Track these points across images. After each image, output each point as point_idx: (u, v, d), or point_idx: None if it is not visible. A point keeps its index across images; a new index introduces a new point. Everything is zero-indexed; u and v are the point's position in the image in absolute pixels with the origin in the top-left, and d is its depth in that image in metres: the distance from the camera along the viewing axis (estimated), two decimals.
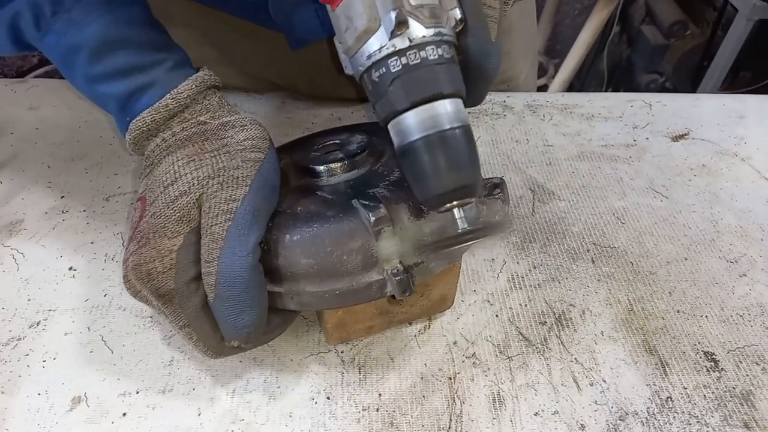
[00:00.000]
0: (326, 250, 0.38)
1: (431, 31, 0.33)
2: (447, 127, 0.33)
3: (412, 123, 0.34)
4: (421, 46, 0.33)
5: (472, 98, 0.39)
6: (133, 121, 0.40)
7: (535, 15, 0.87)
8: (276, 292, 0.40)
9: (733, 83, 1.79)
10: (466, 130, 0.34)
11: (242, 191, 0.38)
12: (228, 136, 0.40)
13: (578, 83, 2.17)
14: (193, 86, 0.41)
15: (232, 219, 0.37)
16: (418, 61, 0.33)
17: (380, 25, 0.33)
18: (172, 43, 0.43)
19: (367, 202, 0.38)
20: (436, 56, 0.33)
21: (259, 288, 0.38)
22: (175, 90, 0.40)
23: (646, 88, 2.00)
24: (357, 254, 0.38)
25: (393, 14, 0.32)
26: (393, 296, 0.39)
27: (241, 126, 0.41)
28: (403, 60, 0.33)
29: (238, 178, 0.38)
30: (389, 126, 0.35)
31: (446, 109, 0.33)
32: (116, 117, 0.42)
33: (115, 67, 0.39)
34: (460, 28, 0.36)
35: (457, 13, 0.35)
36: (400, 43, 0.33)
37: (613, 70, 2.18)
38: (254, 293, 0.38)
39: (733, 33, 1.59)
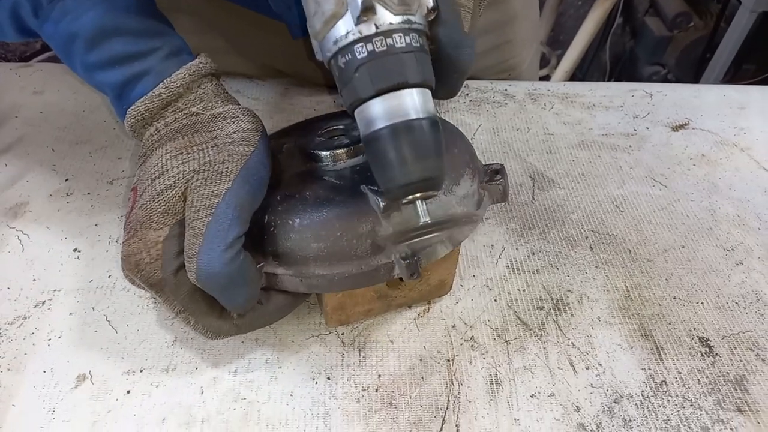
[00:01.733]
0: (336, 235, 0.39)
1: (399, 19, 0.32)
2: (413, 116, 0.33)
3: (378, 111, 0.33)
4: (388, 33, 0.32)
5: (446, 90, 0.38)
6: (129, 109, 0.40)
7: (537, 4, 0.87)
8: (285, 274, 0.40)
9: (736, 76, 1.78)
10: (433, 122, 0.33)
11: (225, 186, 0.37)
12: (218, 128, 0.40)
13: (580, 74, 2.16)
14: (186, 75, 0.41)
15: (213, 214, 0.37)
16: (385, 48, 0.32)
17: (347, 10, 0.32)
18: (169, 30, 0.43)
19: (375, 188, 0.39)
20: (404, 44, 0.32)
21: (243, 276, 0.38)
22: (168, 79, 0.40)
23: (649, 80, 2.00)
24: (366, 238, 0.39)
25: None
26: (401, 279, 0.40)
27: (233, 117, 0.41)
28: (369, 47, 0.32)
29: (222, 173, 0.38)
30: (355, 113, 0.34)
31: (413, 98, 0.33)
32: (114, 104, 0.42)
33: (110, 55, 0.40)
34: (432, 17, 0.35)
35: (429, 2, 0.34)
36: (367, 29, 0.32)
37: (616, 62, 2.17)
38: (238, 281, 0.38)
39: (736, 25, 1.59)
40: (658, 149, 0.66)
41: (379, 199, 0.38)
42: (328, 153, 0.43)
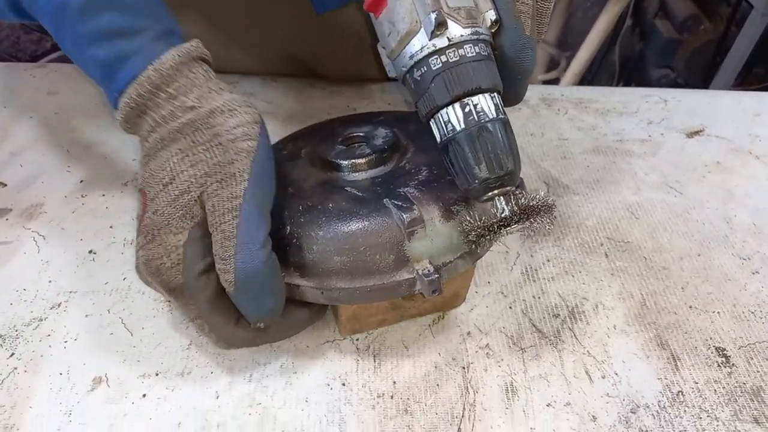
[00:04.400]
0: (360, 249, 0.39)
1: (468, 31, 0.35)
2: (487, 119, 0.35)
3: (453, 117, 0.36)
4: (459, 44, 0.35)
5: (512, 95, 0.40)
6: (122, 99, 0.39)
7: None
8: (306, 286, 0.40)
9: (746, 80, 1.77)
10: (504, 122, 0.36)
11: (242, 187, 0.37)
12: (218, 124, 0.39)
13: (589, 76, 2.15)
14: (176, 56, 0.39)
15: (239, 216, 0.37)
16: (457, 58, 0.35)
17: (421, 27, 0.35)
18: (161, 11, 0.41)
19: (399, 203, 0.39)
20: (474, 53, 0.35)
21: (276, 276, 0.39)
22: (157, 60, 0.38)
23: (658, 83, 1.99)
24: (389, 253, 0.39)
25: (433, 16, 0.34)
26: (421, 294, 0.40)
27: (230, 111, 0.40)
28: (443, 58, 0.35)
29: (235, 174, 0.38)
30: (431, 121, 0.37)
31: (485, 102, 0.36)
32: (102, 86, 0.40)
33: (98, 29, 0.38)
34: (495, 28, 0.38)
35: (492, 15, 0.37)
36: (440, 42, 0.35)
37: (625, 64, 2.16)
38: (273, 282, 0.39)
39: (747, 29, 1.58)
40: (673, 156, 0.66)
41: (404, 215, 0.38)
42: (350, 162, 0.43)
